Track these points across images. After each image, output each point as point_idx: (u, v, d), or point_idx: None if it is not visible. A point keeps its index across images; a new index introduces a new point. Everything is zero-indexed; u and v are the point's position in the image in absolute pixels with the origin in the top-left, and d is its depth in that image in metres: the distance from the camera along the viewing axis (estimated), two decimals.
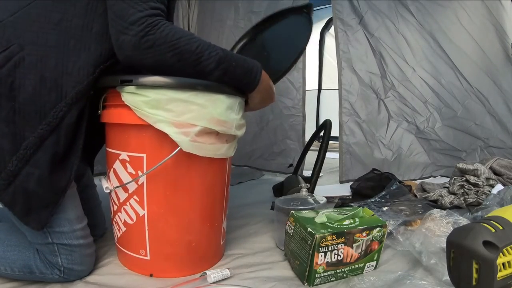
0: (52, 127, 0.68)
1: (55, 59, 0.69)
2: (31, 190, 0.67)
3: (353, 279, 0.78)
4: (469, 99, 1.63)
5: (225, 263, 0.87)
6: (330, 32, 3.39)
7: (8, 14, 0.69)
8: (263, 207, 1.29)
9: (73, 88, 0.69)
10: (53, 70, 0.68)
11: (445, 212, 0.93)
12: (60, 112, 0.68)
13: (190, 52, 0.68)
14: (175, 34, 0.67)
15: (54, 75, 0.68)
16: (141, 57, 0.67)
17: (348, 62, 1.76)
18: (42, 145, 0.67)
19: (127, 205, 0.77)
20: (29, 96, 0.67)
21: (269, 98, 0.88)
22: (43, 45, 0.69)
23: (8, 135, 0.66)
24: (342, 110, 1.77)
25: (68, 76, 0.69)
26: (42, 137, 0.67)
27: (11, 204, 0.67)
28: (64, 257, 0.74)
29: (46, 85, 0.68)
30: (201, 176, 0.78)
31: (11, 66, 0.66)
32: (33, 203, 0.68)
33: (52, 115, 0.68)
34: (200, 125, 0.71)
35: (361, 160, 1.76)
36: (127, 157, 0.75)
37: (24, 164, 0.66)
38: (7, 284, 0.75)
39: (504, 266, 0.64)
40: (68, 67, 0.70)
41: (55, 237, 0.73)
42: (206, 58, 0.70)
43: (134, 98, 0.70)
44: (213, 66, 0.70)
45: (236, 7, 2.00)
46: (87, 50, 0.71)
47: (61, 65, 0.69)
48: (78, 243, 0.75)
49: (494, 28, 1.51)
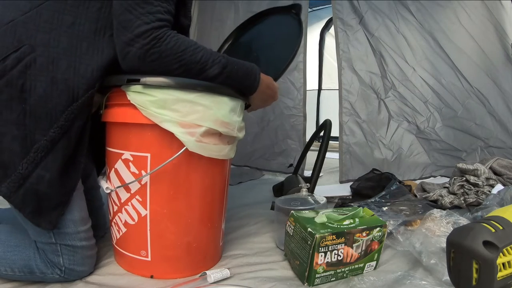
0: (64, 130, 0.68)
1: (67, 61, 0.68)
2: (42, 192, 0.67)
3: (353, 279, 0.78)
4: (469, 99, 1.63)
5: (225, 263, 0.87)
6: (330, 32, 3.39)
7: (20, 13, 0.68)
8: (263, 207, 1.29)
9: (86, 91, 0.69)
10: (65, 72, 0.68)
11: (445, 212, 0.93)
12: (72, 115, 0.68)
13: (194, 62, 0.69)
14: (180, 46, 0.68)
15: (66, 77, 0.68)
16: (146, 69, 0.68)
17: (348, 62, 1.76)
18: (54, 148, 0.67)
19: (129, 205, 0.77)
20: (40, 98, 0.66)
21: (271, 97, 0.89)
22: (55, 47, 0.68)
23: (19, 138, 0.66)
24: (342, 110, 1.77)
25: (80, 78, 0.69)
26: (54, 140, 0.67)
27: (22, 206, 0.67)
28: (66, 258, 0.74)
29: (58, 87, 0.67)
30: (201, 176, 0.78)
31: (22, 67, 0.66)
32: (43, 204, 0.68)
33: (64, 118, 0.67)
34: (205, 125, 0.71)
35: (361, 160, 1.76)
36: (130, 156, 0.75)
37: (35, 167, 0.66)
38: (7, 284, 0.75)
39: (504, 266, 0.64)
40: (81, 69, 0.69)
41: (58, 237, 0.73)
42: (210, 66, 0.71)
43: (140, 97, 0.70)
44: (216, 72, 0.71)
45: (236, 7, 2.00)
46: (101, 53, 0.71)
47: (73, 67, 0.69)
48: (81, 245, 0.75)
49: (494, 28, 1.51)
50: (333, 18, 1.76)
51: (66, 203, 0.71)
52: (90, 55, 0.70)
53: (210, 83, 0.72)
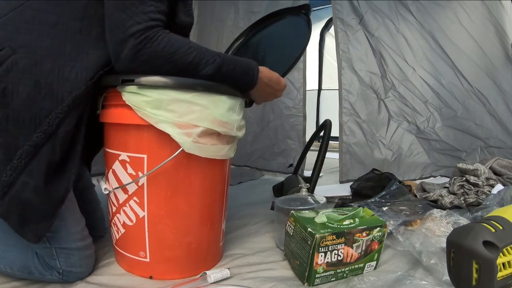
0: (48, 134, 0.65)
1: (51, 64, 0.66)
2: (27, 200, 0.64)
3: (353, 279, 0.78)
4: (469, 99, 1.63)
5: (225, 263, 0.87)
6: (330, 32, 3.39)
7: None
8: (263, 207, 1.29)
9: (70, 93, 0.67)
10: (49, 75, 0.65)
11: (445, 212, 0.93)
12: (56, 119, 0.65)
13: (186, 63, 0.68)
14: (172, 47, 0.66)
15: (50, 81, 0.65)
16: (138, 69, 0.67)
17: (348, 62, 1.76)
18: (37, 153, 0.64)
19: (127, 206, 0.77)
20: (23, 102, 0.64)
21: (271, 94, 0.88)
22: (38, 48, 0.65)
23: (2, 144, 0.63)
24: (342, 110, 1.77)
25: (64, 81, 0.67)
26: (37, 145, 0.64)
27: (7, 215, 0.65)
28: (63, 260, 0.73)
29: (41, 91, 0.65)
30: (201, 177, 0.78)
31: (3, 71, 0.63)
32: (29, 214, 0.66)
33: (47, 122, 0.65)
34: (203, 126, 0.71)
35: (361, 160, 1.76)
36: (127, 157, 0.74)
37: (19, 174, 0.63)
38: (7, 285, 0.75)
39: (504, 266, 0.63)
40: (65, 72, 0.67)
41: (52, 241, 0.72)
42: (203, 67, 0.70)
43: (135, 98, 0.69)
44: (210, 72, 0.70)
45: (236, 7, 2.00)
46: (86, 55, 0.69)
47: (57, 70, 0.66)
48: (76, 246, 0.74)
49: (494, 28, 1.51)
50: (333, 18, 1.76)
51: (53, 214, 0.67)
52: (74, 57, 0.68)
53: (206, 82, 0.71)
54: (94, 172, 0.99)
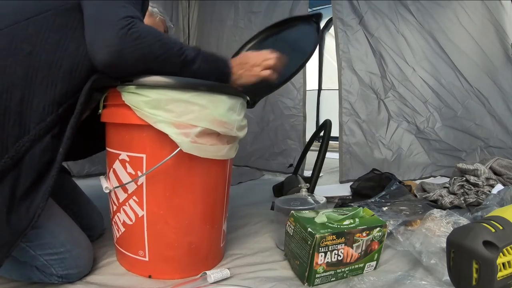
0: (14, 161, 0.63)
1: (21, 92, 0.65)
2: None
3: (353, 279, 0.78)
4: (469, 99, 1.63)
5: (225, 263, 0.87)
6: (330, 32, 3.39)
7: None
8: (263, 207, 1.29)
9: (37, 124, 0.66)
10: (19, 104, 0.65)
11: (445, 212, 0.93)
12: (22, 147, 0.64)
13: (173, 42, 0.70)
14: (156, 30, 0.71)
15: (19, 109, 0.65)
16: (130, 50, 0.65)
17: (348, 62, 1.76)
18: (3, 180, 0.62)
19: (126, 205, 0.77)
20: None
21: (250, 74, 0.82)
22: (11, 74, 0.65)
23: None
24: (342, 110, 1.78)
25: (32, 112, 0.66)
26: (3, 171, 0.62)
27: None
28: (57, 266, 0.72)
29: (11, 117, 0.64)
30: (201, 177, 0.78)
31: None
32: None
33: (15, 149, 0.64)
34: (201, 126, 0.71)
35: (361, 160, 1.76)
36: (126, 157, 0.75)
37: None
38: (7, 285, 0.75)
39: (504, 266, 0.64)
40: (34, 103, 0.66)
41: (37, 249, 0.71)
42: (186, 48, 0.72)
43: (134, 98, 0.69)
44: (193, 54, 0.72)
45: (236, 7, 2.00)
46: (54, 88, 0.68)
47: (27, 99, 0.66)
48: (65, 249, 0.73)
49: (494, 28, 1.51)
50: (333, 18, 1.76)
51: (13, 245, 0.64)
52: (44, 89, 0.67)
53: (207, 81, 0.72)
54: (96, 172, 0.99)
